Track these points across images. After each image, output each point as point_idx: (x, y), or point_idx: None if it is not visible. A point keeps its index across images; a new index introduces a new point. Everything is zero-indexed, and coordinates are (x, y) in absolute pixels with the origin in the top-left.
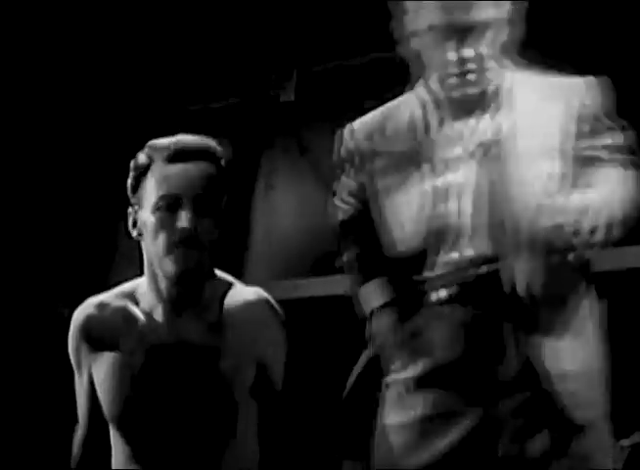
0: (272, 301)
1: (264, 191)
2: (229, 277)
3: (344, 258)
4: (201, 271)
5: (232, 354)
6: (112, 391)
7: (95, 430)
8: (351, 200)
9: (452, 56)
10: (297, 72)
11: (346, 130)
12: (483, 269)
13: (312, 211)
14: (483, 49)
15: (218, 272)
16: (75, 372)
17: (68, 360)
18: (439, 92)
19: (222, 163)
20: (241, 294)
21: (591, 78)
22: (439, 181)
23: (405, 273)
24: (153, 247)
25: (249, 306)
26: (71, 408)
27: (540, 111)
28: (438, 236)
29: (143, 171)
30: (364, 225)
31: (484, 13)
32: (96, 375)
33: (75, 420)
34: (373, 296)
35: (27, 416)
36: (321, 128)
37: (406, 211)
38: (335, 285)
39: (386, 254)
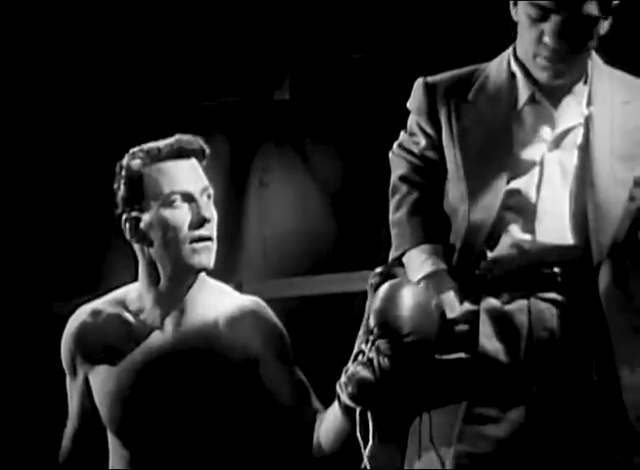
0: (268, 307)
1: (258, 189)
2: (225, 286)
3: (396, 215)
4: (211, 264)
5: (228, 356)
6: (110, 398)
7: (85, 428)
8: (416, 154)
9: (548, 41)
10: (291, 71)
11: (421, 84)
12: (554, 257)
13: (306, 209)
14: (581, 43)
15: (215, 281)
16: (68, 375)
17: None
18: (529, 68)
19: (206, 161)
20: (236, 300)
21: None
22: (521, 157)
23: (467, 247)
24: (168, 243)
25: (243, 310)
26: (64, 407)
27: (626, 112)
28: (511, 213)
29: (140, 176)
30: (427, 183)
31: (594, 8)
32: (93, 382)
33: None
34: (425, 264)
35: (20, 415)
36: (315, 127)
37: (482, 180)
38: (329, 284)
39: (453, 221)
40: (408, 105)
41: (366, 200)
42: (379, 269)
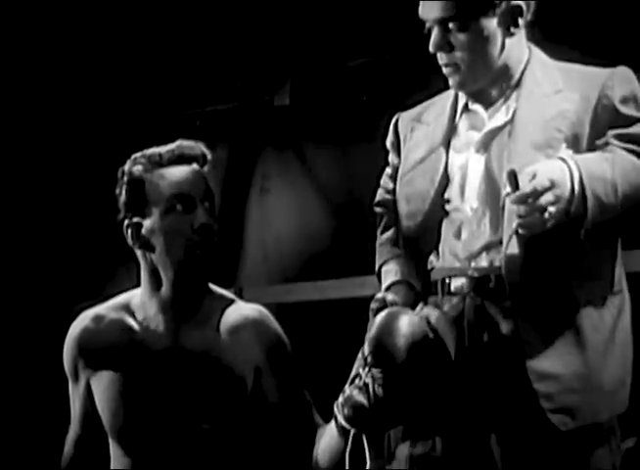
0: (272, 317)
1: (259, 195)
2: (230, 294)
3: (378, 240)
4: (212, 269)
5: (231, 365)
6: (112, 404)
7: (87, 434)
8: (387, 181)
9: (431, 48)
10: (291, 77)
11: (394, 119)
12: (482, 262)
13: (307, 214)
14: (465, 54)
15: (220, 289)
16: (70, 381)
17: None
18: None
19: (207, 167)
20: (242, 309)
21: (615, 70)
22: (454, 164)
23: (408, 253)
24: (169, 249)
25: (247, 319)
26: (68, 412)
27: (552, 101)
28: (447, 219)
29: (141, 181)
30: (393, 207)
31: (449, 11)
32: (95, 388)
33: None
34: (388, 274)
35: (24, 419)
36: (316, 133)
37: (414, 187)
38: (329, 289)
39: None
40: (386, 143)
41: (367, 205)
42: (380, 295)
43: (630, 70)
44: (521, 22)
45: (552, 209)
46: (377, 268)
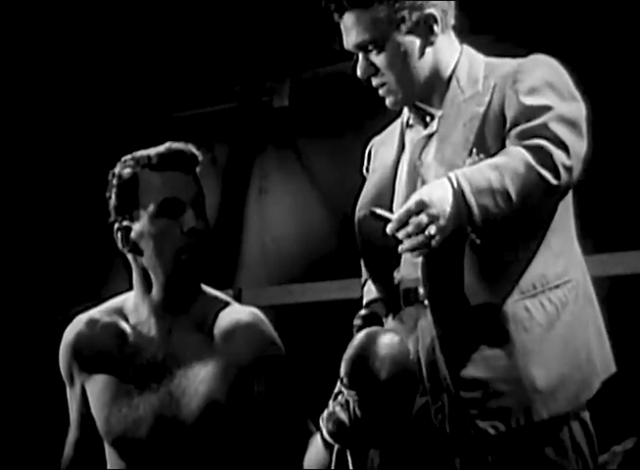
0: (266, 320)
1: (258, 196)
2: (226, 296)
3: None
4: (201, 273)
5: (223, 369)
6: (105, 409)
7: (86, 436)
8: None
9: (358, 74)
10: (290, 78)
11: (369, 145)
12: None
13: (306, 215)
14: (390, 64)
15: (215, 291)
16: (67, 385)
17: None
18: None
19: (198, 168)
20: (235, 312)
21: (524, 60)
22: (402, 179)
23: (366, 269)
24: (159, 253)
25: (240, 323)
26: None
27: (468, 105)
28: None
29: (130, 184)
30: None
31: (362, 36)
32: (90, 392)
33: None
34: (367, 294)
35: (25, 422)
36: (315, 134)
37: (368, 206)
38: (329, 290)
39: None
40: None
41: None
42: (362, 312)
43: (545, 55)
44: (437, 29)
45: (432, 228)
46: (362, 282)
